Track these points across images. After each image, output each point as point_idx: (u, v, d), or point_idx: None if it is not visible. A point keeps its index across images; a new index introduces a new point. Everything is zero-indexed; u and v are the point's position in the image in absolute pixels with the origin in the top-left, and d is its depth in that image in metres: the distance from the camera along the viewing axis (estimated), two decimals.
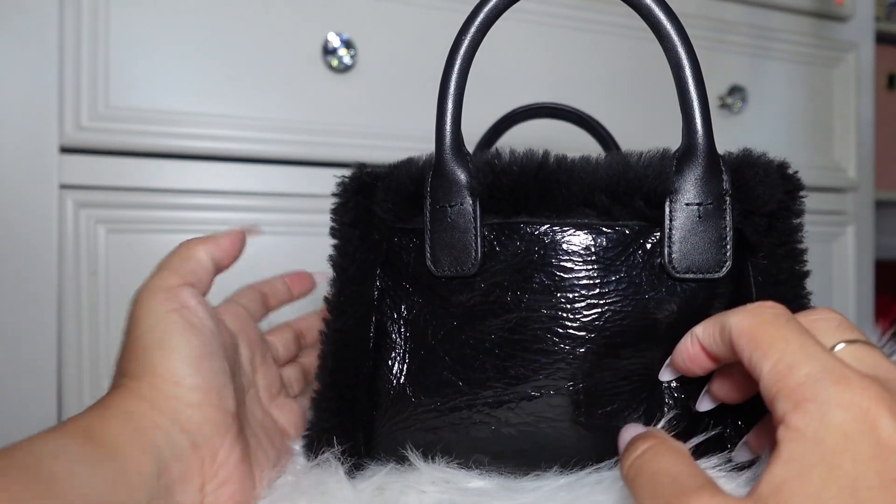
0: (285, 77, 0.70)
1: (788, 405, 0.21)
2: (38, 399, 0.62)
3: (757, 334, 0.24)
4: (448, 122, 0.34)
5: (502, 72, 0.79)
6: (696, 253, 0.32)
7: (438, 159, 0.35)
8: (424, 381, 0.36)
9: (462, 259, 0.34)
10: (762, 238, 0.34)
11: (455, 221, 0.34)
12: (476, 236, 0.34)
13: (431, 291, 0.36)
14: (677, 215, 0.32)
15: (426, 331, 0.36)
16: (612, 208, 0.32)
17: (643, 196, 0.32)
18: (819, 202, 0.98)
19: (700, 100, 0.32)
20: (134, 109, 0.64)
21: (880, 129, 1.09)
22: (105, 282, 0.64)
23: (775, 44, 0.94)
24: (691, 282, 0.33)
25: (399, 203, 0.36)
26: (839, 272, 1.00)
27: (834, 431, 0.20)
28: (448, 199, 0.34)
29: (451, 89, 0.34)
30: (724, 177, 0.32)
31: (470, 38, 0.34)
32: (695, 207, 0.32)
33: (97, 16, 0.63)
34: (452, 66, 0.34)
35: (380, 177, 0.37)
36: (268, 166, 0.70)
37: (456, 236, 0.34)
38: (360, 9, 0.72)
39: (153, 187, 0.66)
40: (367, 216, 0.37)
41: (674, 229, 0.32)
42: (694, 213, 0.32)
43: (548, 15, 0.80)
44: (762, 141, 0.94)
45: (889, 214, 1.38)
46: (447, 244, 0.34)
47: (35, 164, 0.62)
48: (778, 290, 0.33)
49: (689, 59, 0.32)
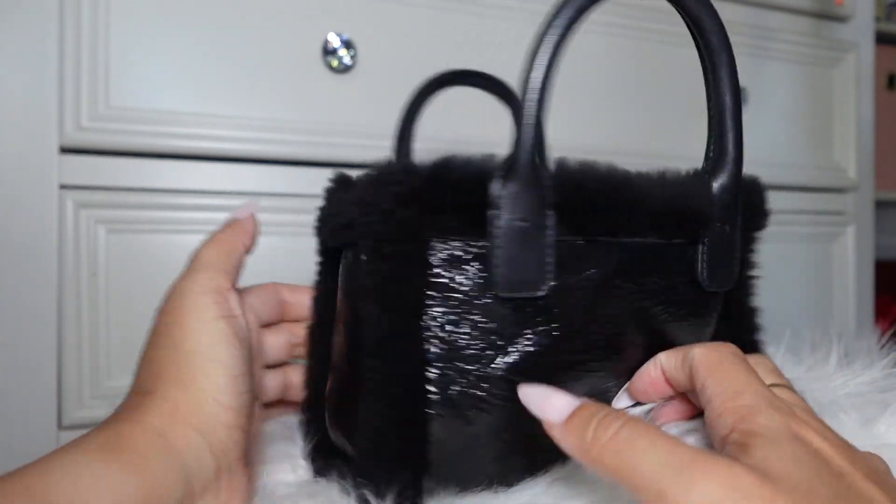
0: (285, 77, 0.70)
1: (733, 419, 0.26)
2: (38, 399, 0.61)
3: (715, 366, 0.28)
4: (530, 129, 0.30)
5: (502, 71, 0.79)
6: (722, 270, 0.35)
7: (516, 168, 0.30)
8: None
9: (533, 278, 0.30)
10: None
11: (528, 237, 0.30)
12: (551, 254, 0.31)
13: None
14: (711, 235, 0.34)
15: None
16: (669, 229, 0.34)
17: (690, 218, 0.34)
18: (819, 202, 0.98)
19: (735, 123, 0.35)
20: (134, 109, 0.64)
21: (880, 129, 1.09)
22: (105, 282, 0.64)
23: (775, 44, 0.94)
24: (715, 294, 0.35)
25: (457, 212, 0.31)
26: (839, 272, 1.00)
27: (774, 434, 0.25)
28: (523, 213, 0.30)
29: (538, 95, 0.30)
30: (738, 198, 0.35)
31: (558, 35, 0.31)
32: (721, 227, 0.34)
33: (97, 15, 0.63)
34: (541, 67, 0.30)
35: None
36: (268, 166, 0.70)
37: (528, 254, 0.30)
38: (360, 9, 0.72)
39: (153, 187, 0.66)
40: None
41: (706, 247, 0.34)
42: (721, 232, 0.34)
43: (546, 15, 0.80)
44: (762, 141, 0.94)
45: (889, 214, 1.38)
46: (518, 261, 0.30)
47: (35, 165, 0.62)
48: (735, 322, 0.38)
49: (731, 78, 0.35)
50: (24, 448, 0.60)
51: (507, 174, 0.30)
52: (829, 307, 0.99)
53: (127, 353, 0.64)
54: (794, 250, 0.97)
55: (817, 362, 0.42)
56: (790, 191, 0.96)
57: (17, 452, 0.60)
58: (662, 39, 0.86)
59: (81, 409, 0.63)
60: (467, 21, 0.77)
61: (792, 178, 0.95)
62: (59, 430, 0.62)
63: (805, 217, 0.97)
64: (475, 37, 0.78)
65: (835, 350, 0.42)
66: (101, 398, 0.63)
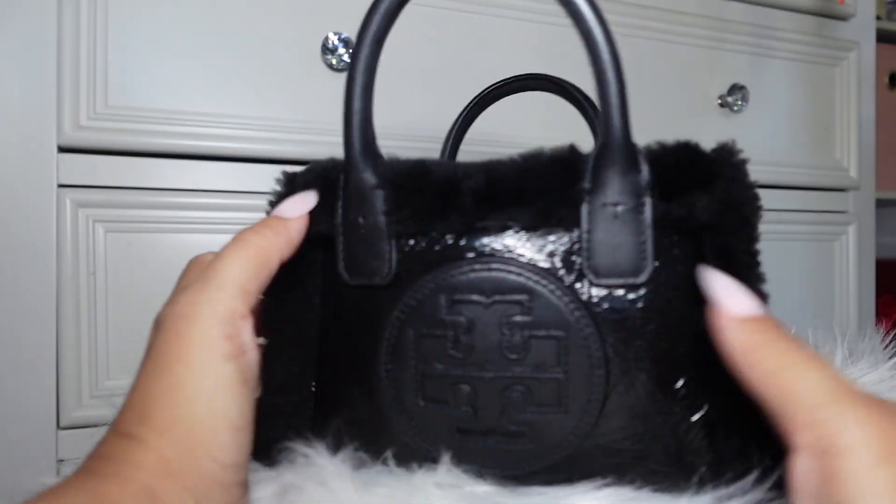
0: (285, 76, 0.69)
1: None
2: (37, 399, 0.61)
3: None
4: (355, 121, 0.31)
5: (500, 71, 0.78)
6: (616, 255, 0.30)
7: (348, 165, 0.31)
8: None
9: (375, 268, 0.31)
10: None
11: (367, 232, 0.31)
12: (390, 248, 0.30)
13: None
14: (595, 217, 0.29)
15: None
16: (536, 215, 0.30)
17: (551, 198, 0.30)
18: (820, 201, 0.98)
19: (618, 89, 0.30)
20: (133, 108, 0.64)
21: (881, 128, 1.09)
22: (104, 281, 0.64)
23: (776, 43, 0.94)
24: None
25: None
26: (840, 272, 1.00)
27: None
28: (360, 210, 0.31)
29: (358, 85, 0.31)
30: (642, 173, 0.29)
31: (375, 26, 0.32)
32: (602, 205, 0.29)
33: (96, 14, 0.63)
34: (358, 58, 0.31)
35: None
36: (268, 166, 0.69)
37: (367, 247, 0.31)
38: (359, 8, 0.71)
39: (152, 186, 0.65)
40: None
41: (592, 232, 0.29)
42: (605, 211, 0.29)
43: (545, 13, 0.80)
44: (763, 140, 0.94)
45: (890, 214, 1.38)
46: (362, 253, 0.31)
47: (33, 164, 0.61)
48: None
49: (605, 39, 0.29)
50: (23, 448, 0.60)
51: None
52: (830, 307, 0.99)
53: (126, 353, 0.64)
54: (795, 250, 0.96)
55: None
56: (791, 190, 0.95)
57: (17, 452, 0.60)
58: (652, 37, 0.86)
59: (80, 409, 0.63)
60: (468, 20, 0.77)
61: (793, 178, 0.95)
62: (57, 429, 0.62)
63: (806, 216, 0.97)
64: (476, 36, 0.77)
65: (839, 350, 0.41)
66: (100, 398, 0.63)
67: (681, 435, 0.30)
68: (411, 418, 0.31)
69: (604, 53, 0.29)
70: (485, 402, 0.30)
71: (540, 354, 0.30)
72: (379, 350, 0.31)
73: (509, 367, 0.30)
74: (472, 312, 0.30)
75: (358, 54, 0.32)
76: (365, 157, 0.31)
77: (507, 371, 0.30)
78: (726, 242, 0.29)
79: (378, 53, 0.32)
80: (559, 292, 0.30)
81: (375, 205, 0.31)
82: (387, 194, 0.31)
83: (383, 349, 0.31)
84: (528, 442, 0.30)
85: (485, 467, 0.31)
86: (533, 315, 0.30)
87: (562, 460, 0.30)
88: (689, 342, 0.30)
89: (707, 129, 0.88)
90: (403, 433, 0.31)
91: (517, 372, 0.30)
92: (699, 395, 0.30)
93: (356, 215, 0.31)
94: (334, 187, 0.32)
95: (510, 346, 0.30)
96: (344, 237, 0.31)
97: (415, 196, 0.30)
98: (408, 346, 0.31)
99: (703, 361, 0.29)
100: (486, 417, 0.30)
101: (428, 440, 0.31)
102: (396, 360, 0.31)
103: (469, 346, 0.30)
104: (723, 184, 0.29)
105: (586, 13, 0.29)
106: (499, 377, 0.30)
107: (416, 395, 0.31)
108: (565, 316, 0.29)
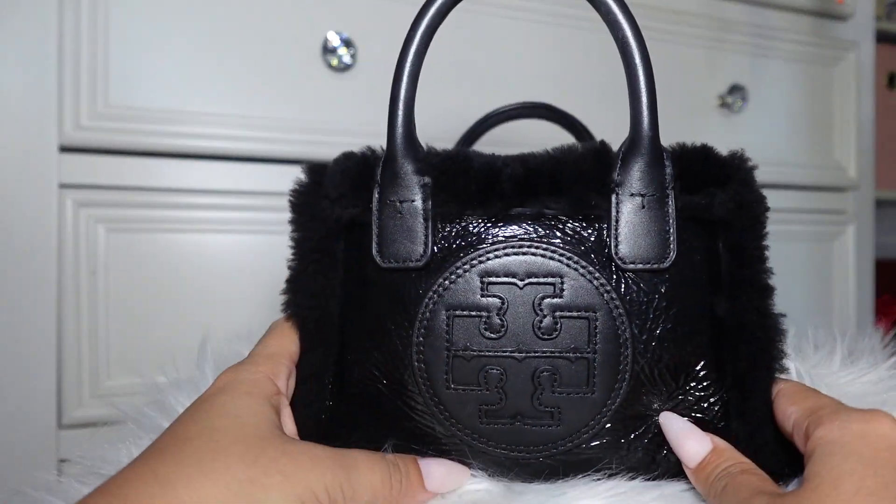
0: (285, 76, 0.69)
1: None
2: (38, 398, 0.61)
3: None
4: (400, 108, 0.33)
5: (499, 70, 0.78)
6: (643, 244, 0.32)
7: (390, 151, 0.33)
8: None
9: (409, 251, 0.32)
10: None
11: (404, 215, 0.32)
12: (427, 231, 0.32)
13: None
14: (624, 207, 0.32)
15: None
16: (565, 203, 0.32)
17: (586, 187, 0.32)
18: (819, 201, 0.98)
19: (648, 90, 0.32)
20: (133, 108, 0.64)
21: (880, 128, 1.09)
22: (105, 281, 0.64)
23: (776, 43, 0.94)
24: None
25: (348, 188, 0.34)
26: (839, 271, 1.00)
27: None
28: (398, 194, 0.32)
29: (406, 73, 0.33)
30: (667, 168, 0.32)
31: (427, 21, 0.34)
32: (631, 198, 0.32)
33: (97, 15, 0.63)
34: (406, 54, 0.33)
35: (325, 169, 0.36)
36: (268, 165, 0.69)
37: (403, 230, 0.32)
38: (359, 8, 0.72)
39: (153, 186, 0.65)
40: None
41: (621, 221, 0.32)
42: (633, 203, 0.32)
43: (545, 13, 0.80)
44: (762, 140, 0.94)
45: (889, 214, 1.38)
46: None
47: (34, 164, 0.61)
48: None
49: (638, 44, 0.32)
50: (24, 447, 0.60)
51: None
52: (830, 306, 0.99)
53: (126, 353, 0.64)
54: (795, 249, 0.97)
55: (821, 361, 0.41)
56: (790, 190, 0.95)
57: (18, 451, 0.60)
58: (651, 37, 0.86)
59: (81, 409, 0.63)
60: (468, 19, 0.77)
61: (792, 177, 0.95)
62: (58, 429, 0.62)
63: (805, 216, 0.97)
64: (476, 36, 0.77)
65: (839, 349, 0.41)
66: (101, 397, 0.63)
67: (699, 415, 0.32)
68: (440, 402, 0.32)
69: (637, 57, 0.32)
70: (514, 384, 0.32)
71: (571, 335, 0.32)
72: (411, 333, 0.32)
73: (541, 348, 0.31)
74: (507, 294, 0.32)
75: (409, 43, 0.33)
76: (407, 142, 0.33)
77: (539, 351, 0.31)
78: (739, 237, 0.31)
79: (427, 45, 0.33)
80: (590, 275, 0.32)
81: (416, 189, 0.32)
82: (429, 179, 0.32)
83: (415, 331, 0.32)
84: (555, 423, 0.32)
85: (509, 450, 0.32)
86: (564, 297, 0.32)
87: (584, 442, 0.32)
88: (708, 327, 0.32)
89: (707, 128, 0.88)
90: (430, 416, 0.32)
91: (548, 352, 0.31)
92: (717, 378, 0.32)
93: (395, 199, 0.32)
94: (371, 173, 0.33)
95: (542, 328, 0.32)
96: (379, 221, 0.33)
97: (458, 181, 0.32)
98: (440, 328, 0.32)
99: (719, 346, 0.32)
100: (515, 400, 0.32)
101: (455, 424, 0.32)
102: (428, 344, 0.32)
103: (502, 327, 0.32)
104: (737, 185, 0.31)
105: (622, 21, 0.32)
106: (530, 357, 0.32)
107: (447, 379, 0.32)
108: (596, 298, 0.31)
